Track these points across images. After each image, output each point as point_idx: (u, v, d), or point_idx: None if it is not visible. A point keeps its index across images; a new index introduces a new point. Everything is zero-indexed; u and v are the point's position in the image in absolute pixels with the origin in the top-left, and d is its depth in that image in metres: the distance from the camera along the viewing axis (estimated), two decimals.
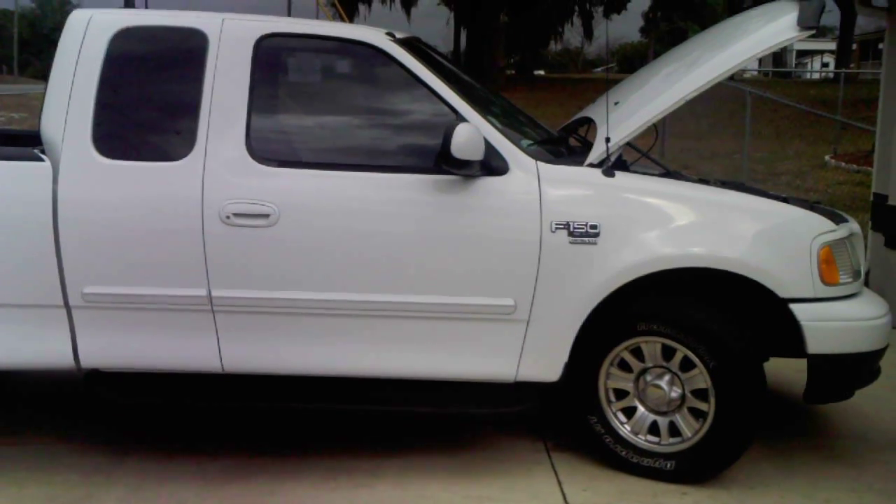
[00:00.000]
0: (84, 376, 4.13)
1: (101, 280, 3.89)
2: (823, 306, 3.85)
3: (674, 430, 3.98)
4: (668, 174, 4.28)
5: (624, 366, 4.01)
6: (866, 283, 4.30)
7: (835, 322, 3.85)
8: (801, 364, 3.90)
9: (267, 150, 3.94)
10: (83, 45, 3.97)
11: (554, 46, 55.80)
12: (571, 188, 3.93)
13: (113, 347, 3.97)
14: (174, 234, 3.86)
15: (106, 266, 3.88)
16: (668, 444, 3.98)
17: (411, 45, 4.20)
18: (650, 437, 4.01)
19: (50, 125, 3.93)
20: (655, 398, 3.97)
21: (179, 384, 4.11)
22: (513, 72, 44.50)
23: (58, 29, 4.08)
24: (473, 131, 3.73)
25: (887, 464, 4.22)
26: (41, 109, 3.98)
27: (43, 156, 3.91)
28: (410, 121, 4.18)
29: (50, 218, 3.84)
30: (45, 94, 3.98)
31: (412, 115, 4.16)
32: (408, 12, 38.40)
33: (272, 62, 4.09)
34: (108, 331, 3.95)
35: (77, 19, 4.03)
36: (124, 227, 3.86)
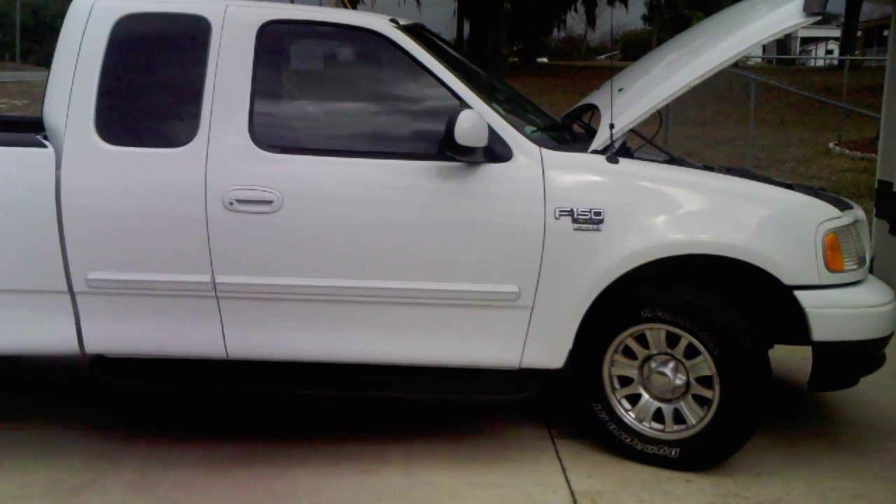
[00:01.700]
0: (89, 362, 4.13)
1: (105, 266, 3.89)
2: (828, 293, 3.84)
3: (678, 418, 3.98)
4: (672, 161, 4.26)
5: (628, 353, 4.01)
6: (871, 270, 4.28)
7: (840, 309, 3.84)
8: (805, 351, 3.89)
9: (270, 136, 3.93)
10: (86, 31, 3.96)
11: (557, 34, 55.75)
12: (575, 175, 3.92)
13: (117, 333, 3.98)
14: (177, 221, 3.86)
15: (109, 252, 3.88)
16: (672, 432, 3.98)
17: (415, 31, 4.18)
18: (655, 425, 4.01)
19: (53, 111, 3.92)
20: (660, 385, 3.96)
21: (184, 370, 4.12)
22: (516, 59, 44.39)
23: (60, 16, 4.08)
24: (477, 118, 3.72)
25: (891, 452, 4.22)
26: (44, 96, 3.97)
27: (46, 142, 3.91)
28: (414, 107, 4.17)
29: (53, 204, 3.84)
30: (47, 80, 3.98)
31: (415, 101, 4.14)
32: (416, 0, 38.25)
33: (275, 49, 4.07)
34: (112, 317, 3.95)
35: (80, 6, 4.02)
36: (127, 213, 3.86)
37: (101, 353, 4.07)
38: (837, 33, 46.07)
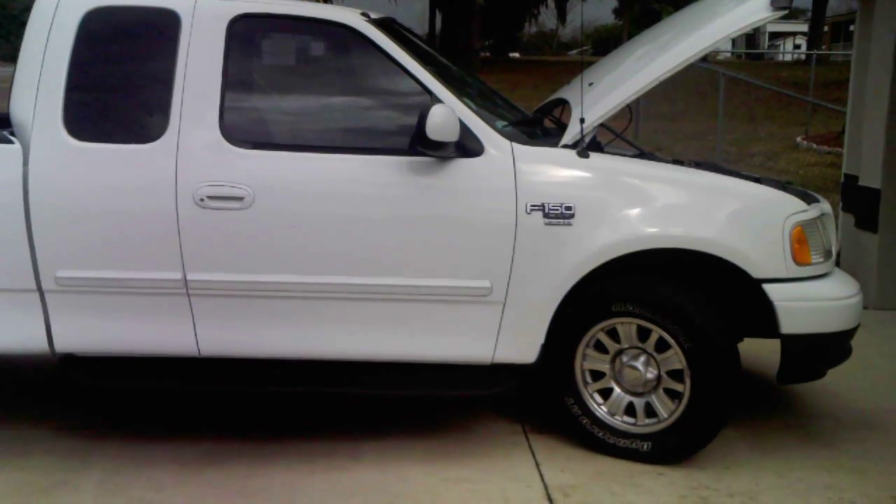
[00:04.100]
0: (58, 361, 4.09)
1: (75, 264, 3.85)
2: (796, 286, 3.88)
3: (650, 411, 4.01)
4: (642, 155, 4.29)
5: (600, 347, 4.03)
6: (837, 263, 4.33)
7: (807, 302, 3.88)
8: (774, 345, 3.93)
9: (241, 131, 3.90)
10: (53, 25, 3.91)
11: (528, 29, 55.78)
12: (546, 169, 3.93)
13: (87, 332, 3.94)
14: (148, 217, 3.83)
15: (79, 249, 3.84)
16: (644, 425, 4.01)
17: (386, 26, 4.17)
18: (626, 418, 4.04)
19: (19, 107, 3.87)
20: (631, 379, 3.99)
21: (156, 368, 4.09)
22: (487, 54, 44.41)
23: (28, 10, 4.02)
24: (448, 113, 3.71)
25: (859, 442, 4.28)
26: (10, 91, 3.92)
27: (13, 138, 3.86)
28: (385, 102, 4.16)
29: (21, 201, 3.79)
30: (14, 74, 3.93)
31: (387, 96, 4.13)
32: None
33: (246, 43, 4.04)
34: (82, 315, 3.91)
35: None
36: (97, 210, 3.82)
37: (70, 351, 4.03)
38: (805, 28, 46.51)
